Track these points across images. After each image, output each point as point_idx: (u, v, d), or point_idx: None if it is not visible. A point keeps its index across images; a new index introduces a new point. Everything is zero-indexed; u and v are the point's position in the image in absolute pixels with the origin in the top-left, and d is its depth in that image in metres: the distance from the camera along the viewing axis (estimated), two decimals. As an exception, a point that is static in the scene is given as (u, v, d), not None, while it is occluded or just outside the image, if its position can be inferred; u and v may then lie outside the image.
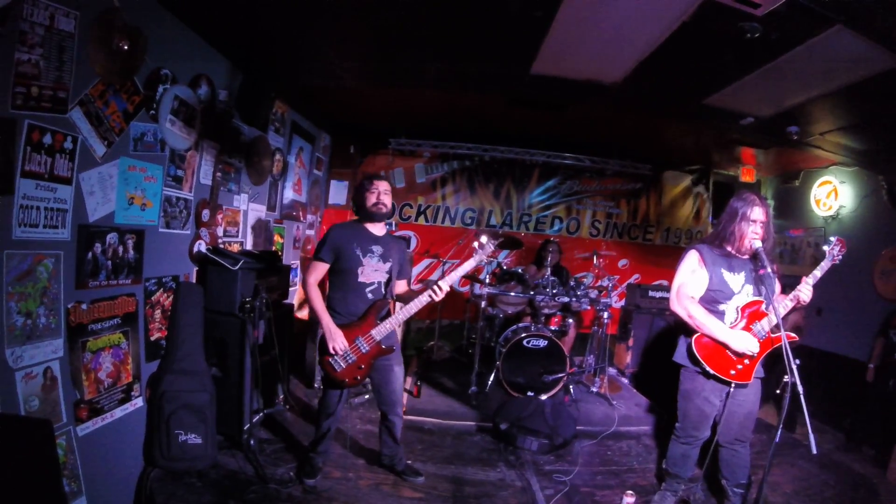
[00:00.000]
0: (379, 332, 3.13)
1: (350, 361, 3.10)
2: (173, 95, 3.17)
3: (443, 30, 3.30)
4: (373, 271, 3.21)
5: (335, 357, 3.09)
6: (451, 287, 3.12)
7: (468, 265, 3.11)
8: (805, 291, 2.89)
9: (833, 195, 5.70)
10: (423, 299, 3.09)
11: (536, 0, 2.81)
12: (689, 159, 7.21)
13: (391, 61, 3.94)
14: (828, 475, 4.00)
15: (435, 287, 3.05)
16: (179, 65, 3.24)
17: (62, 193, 2.44)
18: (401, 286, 3.43)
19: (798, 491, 3.73)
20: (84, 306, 2.62)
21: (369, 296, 3.22)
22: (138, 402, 3.11)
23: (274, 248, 5.17)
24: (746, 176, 6.33)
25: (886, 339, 4.62)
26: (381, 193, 3.24)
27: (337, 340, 3.07)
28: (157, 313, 3.29)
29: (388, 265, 3.26)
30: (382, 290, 3.27)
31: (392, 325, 3.17)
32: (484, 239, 3.17)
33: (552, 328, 5.45)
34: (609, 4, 2.83)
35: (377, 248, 3.23)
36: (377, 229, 3.30)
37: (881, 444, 4.29)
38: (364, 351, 3.12)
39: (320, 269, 3.21)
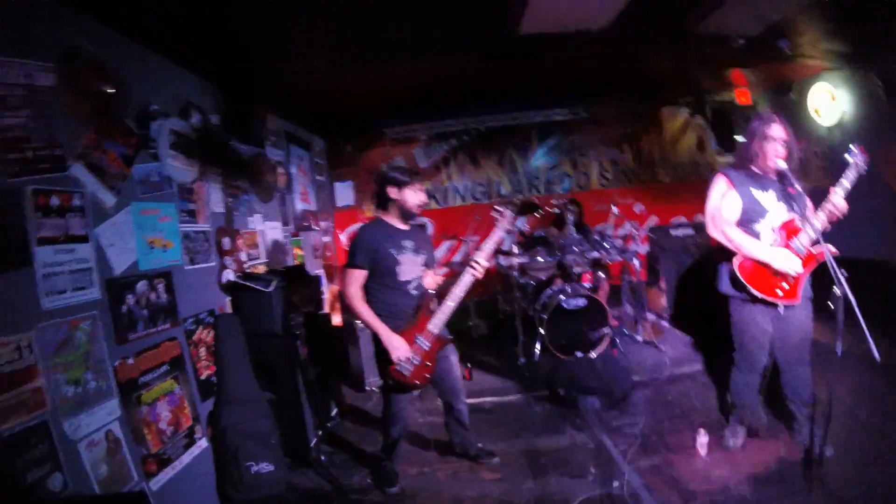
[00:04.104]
0: (435, 324, 3.05)
1: (416, 363, 3.01)
2: (168, 129, 3.08)
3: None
4: (411, 267, 3.10)
5: (401, 364, 2.97)
6: (486, 261, 3.06)
7: (495, 236, 3.08)
8: (837, 202, 2.83)
9: (831, 101, 5.52)
10: (465, 280, 3.01)
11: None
12: (683, 91, 7.00)
13: (370, 40, 3.76)
14: (885, 379, 3.87)
15: (473, 264, 2.99)
16: (166, 98, 3.15)
17: (82, 252, 2.36)
18: (429, 276, 3.31)
19: (859, 400, 3.63)
20: (130, 360, 2.57)
21: (413, 292, 3.12)
22: (203, 443, 3.07)
23: (296, 262, 5.11)
24: (742, 98, 6.14)
25: None
26: (422, 194, 3.13)
27: (399, 349, 2.95)
28: (202, 351, 3.24)
29: (422, 257, 3.17)
30: (423, 283, 3.18)
31: (447, 315, 3.08)
32: (500, 207, 3.14)
33: (585, 285, 5.37)
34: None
35: (409, 243, 3.11)
36: (400, 223, 3.17)
37: None
38: (426, 348, 3.03)
39: (359, 277, 3.03)
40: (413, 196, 3.07)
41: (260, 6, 2.84)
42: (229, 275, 3.70)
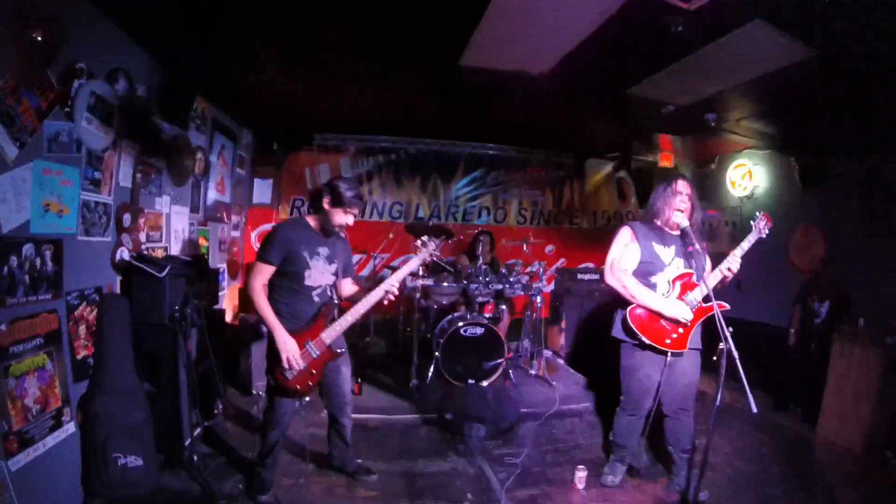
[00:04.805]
0: (329, 335, 3.03)
1: (302, 368, 2.97)
2: (90, 91, 2.90)
3: (372, 17, 3.20)
4: (319, 274, 3.08)
5: (287, 365, 2.93)
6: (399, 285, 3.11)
7: (413, 263, 3.17)
8: (734, 263, 3.08)
9: (748, 177, 6.18)
10: (371, 299, 3.04)
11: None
12: (611, 147, 7.50)
13: (315, 52, 3.80)
14: (762, 434, 4.38)
15: (387, 287, 3.03)
16: (96, 57, 2.96)
17: (-30, 202, 2.17)
18: (347, 285, 3.34)
19: (738, 450, 4.05)
20: (3, 327, 2.35)
21: (316, 299, 3.09)
22: (70, 428, 2.84)
23: (199, 252, 4.89)
24: (665, 161, 6.67)
25: (804, 307, 5.06)
26: (351, 218, 3.10)
27: (291, 351, 2.92)
28: (82, 329, 3.01)
29: (334, 266, 3.15)
30: (329, 292, 3.16)
31: (343, 327, 3.08)
32: (426, 238, 3.19)
33: (486, 316, 5.53)
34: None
35: (324, 250, 3.10)
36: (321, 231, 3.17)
37: (808, 402, 4.73)
38: (315, 356, 3.00)
39: (267, 272, 2.99)
40: (340, 217, 3.06)
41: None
42: (124, 253, 3.49)
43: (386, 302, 3.08)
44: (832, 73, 3.36)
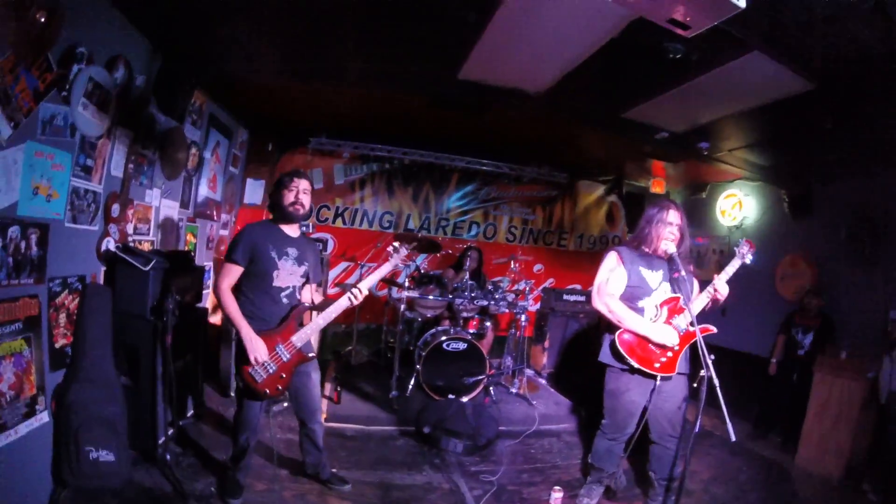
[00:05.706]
0: (300, 338, 3.00)
1: (271, 371, 2.92)
2: (88, 76, 2.86)
3: (372, 27, 3.23)
4: (288, 275, 3.04)
5: (255, 368, 2.89)
6: (368, 291, 3.09)
7: (385, 269, 3.12)
8: (720, 286, 3.10)
9: (738, 206, 6.27)
10: (341, 303, 3.00)
11: (472, 3, 2.82)
12: (603, 170, 7.62)
13: (315, 55, 3.80)
14: (740, 461, 4.39)
15: (354, 291, 2.99)
16: (97, 43, 2.93)
17: (-41, 179, 2.13)
18: (315, 292, 3.33)
19: (715, 477, 4.05)
20: (-19, 309, 2.31)
21: (284, 300, 3.06)
22: (44, 417, 2.76)
23: (186, 248, 4.84)
24: (657, 187, 6.76)
25: (788, 337, 5.11)
26: (300, 192, 3.08)
27: (259, 351, 2.87)
28: (62, 317, 2.94)
29: (303, 268, 3.12)
30: (297, 294, 3.14)
31: (313, 331, 3.06)
32: (397, 243, 3.19)
33: (470, 331, 5.53)
34: (542, 15, 2.90)
35: (293, 251, 3.06)
36: (292, 230, 3.14)
37: (788, 431, 4.78)
38: (285, 359, 2.96)
39: (235, 273, 2.95)
40: (287, 196, 3.06)
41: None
42: (110, 243, 3.44)
43: (354, 304, 3.04)
44: (828, 106, 3.42)
